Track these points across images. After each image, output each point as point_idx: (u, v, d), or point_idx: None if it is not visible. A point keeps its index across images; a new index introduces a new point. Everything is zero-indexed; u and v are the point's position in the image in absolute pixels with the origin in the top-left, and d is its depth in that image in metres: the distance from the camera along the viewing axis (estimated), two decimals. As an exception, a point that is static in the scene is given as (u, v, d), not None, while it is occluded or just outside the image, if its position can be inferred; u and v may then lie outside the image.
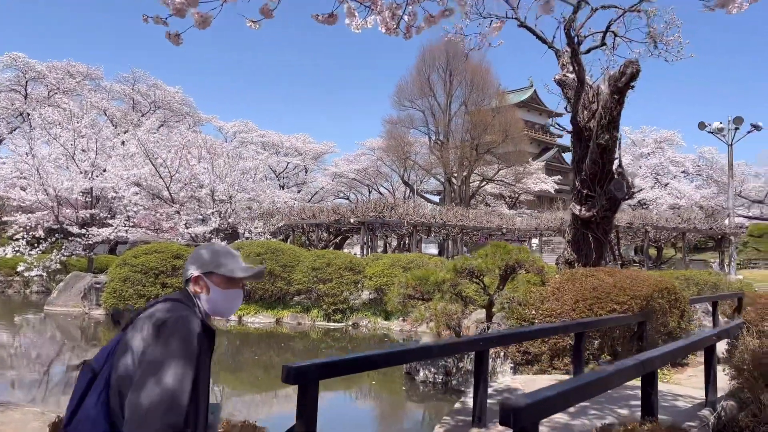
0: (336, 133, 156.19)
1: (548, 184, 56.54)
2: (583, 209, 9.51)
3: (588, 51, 10.07)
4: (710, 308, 12.39)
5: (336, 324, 16.59)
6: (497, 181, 52.94)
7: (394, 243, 39.84)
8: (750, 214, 50.41)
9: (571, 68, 10.09)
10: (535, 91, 72.28)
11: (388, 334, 15.70)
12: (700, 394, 6.79)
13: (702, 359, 9.91)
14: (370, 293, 17.37)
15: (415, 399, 9.56)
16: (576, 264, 9.78)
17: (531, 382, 6.58)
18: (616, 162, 9.56)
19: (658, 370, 8.52)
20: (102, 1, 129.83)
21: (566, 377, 7.07)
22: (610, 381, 3.50)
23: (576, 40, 9.61)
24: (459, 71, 50.44)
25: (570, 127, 9.75)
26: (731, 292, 12.53)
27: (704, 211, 33.81)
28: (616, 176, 9.39)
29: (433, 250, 34.24)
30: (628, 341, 7.83)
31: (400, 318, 14.59)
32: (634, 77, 8.40)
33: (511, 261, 8.42)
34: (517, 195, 57.08)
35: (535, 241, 37.15)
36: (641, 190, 37.36)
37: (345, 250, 29.23)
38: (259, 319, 17.03)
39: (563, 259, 10.08)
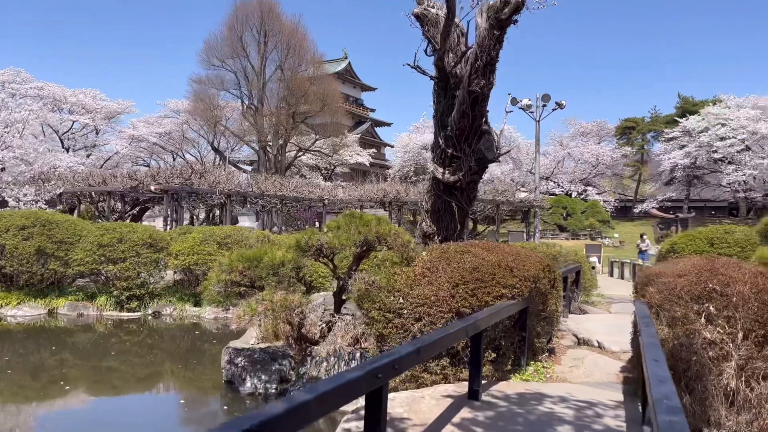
0: (135, 92, 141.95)
1: (364, 157, 56.31)
2: (447, 172, 7.92)
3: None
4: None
5: (131, 313, 13.44)
6: (314, 151, 51.22)
7: (203, 215, 36.11)
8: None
9: (432, 1, 8.38)
10: (349, 63, 71.43)
11: (199, 324, 13.02)
12: (604, 395, 5.59)
13: (566, 342, 9.10)
14: (176, 274, 14.45)
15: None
16: (435, 237, 8.22)
17: (416, 404, 4.76)
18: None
19: (535, 362, 7.34)
20: None
21: (453, 388, 5.40)
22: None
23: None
24: (274, 32, 47.30)
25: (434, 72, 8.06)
26: (573, 265, 12.15)
27: (516, 184, 35.64)
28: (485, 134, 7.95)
29: (247, 223, 31.44)
30: (510, 332, 6.43)
31: (215, 304, 12.04)
32: (518, 9, 6.92)
33: (371, 235, 6.52)
34: (333, 167, 55.98)
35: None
36: (510, 150, 37.81)
37: (145, 223, 25.17)
38: (24, 311, 13.19)
39: (421, 232, 8.46)
